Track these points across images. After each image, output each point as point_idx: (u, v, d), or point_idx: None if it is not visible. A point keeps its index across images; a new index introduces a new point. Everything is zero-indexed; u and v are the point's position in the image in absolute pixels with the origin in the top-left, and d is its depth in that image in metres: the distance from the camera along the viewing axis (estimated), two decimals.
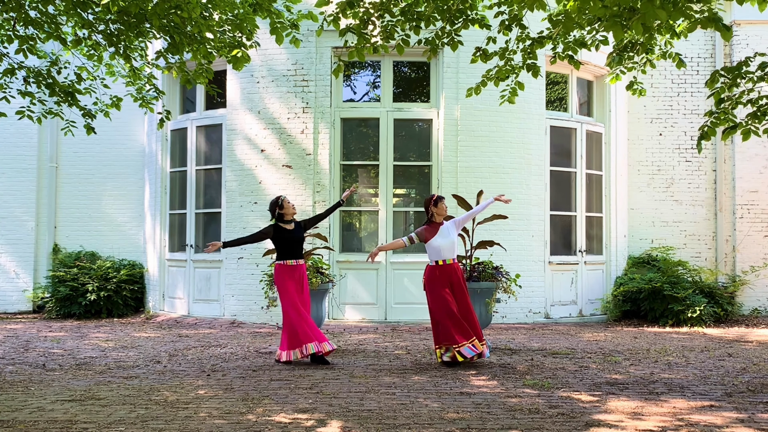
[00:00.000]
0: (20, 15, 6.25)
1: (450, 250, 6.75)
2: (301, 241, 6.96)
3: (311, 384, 5.80)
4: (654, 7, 3.79)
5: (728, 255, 11.63)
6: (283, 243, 6.86)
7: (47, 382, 5.98)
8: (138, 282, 11.74)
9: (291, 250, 6.87)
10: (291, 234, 6.89)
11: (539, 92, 10.45)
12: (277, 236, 6.86)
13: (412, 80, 10.83)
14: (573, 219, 11.00)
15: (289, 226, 6.92)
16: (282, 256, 6.86)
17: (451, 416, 4.68)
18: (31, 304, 12.09)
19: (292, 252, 6.87)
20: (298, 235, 6.93)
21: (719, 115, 6.07)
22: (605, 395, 5.36)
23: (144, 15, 6.02)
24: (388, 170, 10.20)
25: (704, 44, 11.79)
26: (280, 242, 6.87)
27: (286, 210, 6.90)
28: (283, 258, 6.86)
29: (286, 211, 6.91)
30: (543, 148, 10.60)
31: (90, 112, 7.62)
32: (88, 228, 12.37)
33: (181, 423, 4.51)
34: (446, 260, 6.74)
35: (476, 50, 6.82)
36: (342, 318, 10.13)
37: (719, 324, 10.40)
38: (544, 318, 10.45)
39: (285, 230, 6.89)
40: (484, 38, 7.04)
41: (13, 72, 7.14)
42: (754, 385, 5.77)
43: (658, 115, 11.86)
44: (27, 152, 12.19)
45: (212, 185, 10.96)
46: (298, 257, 6.90)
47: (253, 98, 10.34)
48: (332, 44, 10.02)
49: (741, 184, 11.56)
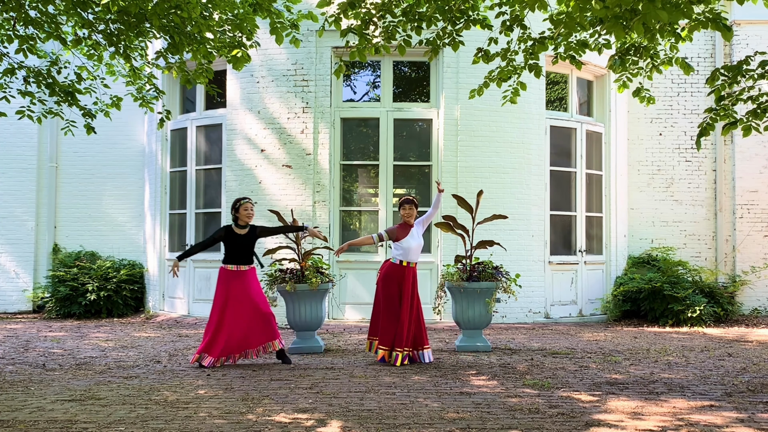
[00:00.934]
0: (20, 15, 6.24)
1: (416, 253, 6.93)
2: (250, 248, 6.86)
3: (311, 384, 5.80)
4: (655, 8, 3.79)
5: (728, 255, 11.64)
6: (230, 247, 6.81)
7: (47, 381, 5.98)
8: (138, 282, 11.74)
9: (237, 254, 6.80)
10: (241, 239, 6.82)
11: (539, 92, 10.45)
12: (227, 239, 6.82)
13: (412, 80, 10.83)
14: (573, 219, 11.00)
15: (241, 231, 6.84)
16: (226, 260, 6.83)
17: (451, 416, 4.68)
18: (31, 303, 12.09)
19: (237, 257, 6.80)
20: (248, 242, 6.84)
21: (719, 111, 6.07)
22: (605, 395, 5.36)
23: (144, 15, 6.02)
24: (388, 170, 10.20)
25: (704, 44, 11.79)
26: (228, 246, 6.83)
27: (240, 214, 6.83)
28: (226, 261, 6.83)
29: (241, 215, 6.83)
30: (543, 148, 10.60)
31: (90, 112, 7.62)
32: (88, 228, 12.37)
33: (181, 423, 4.51)
34: (410, 263, 6.88)
35: (478, 51, 6.81)
36: (342, 318, 10.13)
37: (719, 324, 10.41)
38: (544, 318, 10.45)
39: (236, 235, 6.82)
40: (484, 38, 7.03)
41: (13, 72, 7.14)
42: (754, 385, 5.77)
43: (658, 115, 11.86)
44: (27, 152, 12.19)
45: (212, 185, 10.96)
46: (241, 263, 6.81)
47: (253, 98, 10.34)
48: (332, 44, 10.01)
49: (741, 184, 11.56)
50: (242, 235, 6.83)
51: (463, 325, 7.80)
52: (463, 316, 7.74)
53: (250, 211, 6.87)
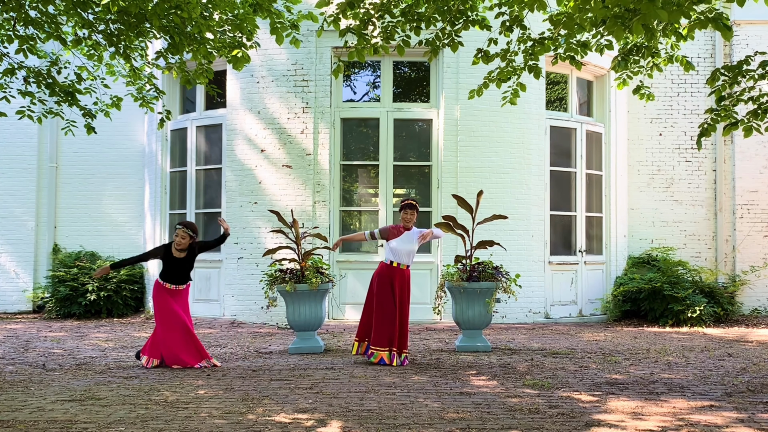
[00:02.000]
0: (20, 15, 6.25)
1: (406, 256, 6.92)
2: (187, 270, 6.94)
3: (311, 384, 5.80)
4: (655, 8, 3.79)
5: (728, 255, 11.64)
6: (168, 266, 6.87)
7: (47, 382, 5.98)
8: (138, 282, 11.74)
9: (173, 274, 6.86)
10: (177, 262, 6.87)
11: (539, 92, 10.45)
12: (165, 258, 6.89)
13: (412, 80, 10.83)
14: (573, 219, 11.00)
15: (179, 255, 6.87)
16: (163, 276, 6.88)
17: (451, 416, 4.68)
18: (31, 304, 12.09)
19: (174, 277, 6.86)
20: (185, 266, 6.89)
21: (720, 112, 6.07)
22: (605, 395, 5.36)
23: (144, 15, 6.02)
24: (388, 170, 10.21)
25: (704, 44, 11.80)
26: (165, 264, 6.89)
27: (176, 243, 6.84)
28: (163, 278, 6.87)
29: (176, 243, 6.84)
30: (543, 148, 10.60)
31: (90, 112, 7.62)
32: (88, 228, 12.37)
33: (181, 423, 4.51)
34: (400, 264, 6.90)
35: (478, 51, 6.81)
36: (342, 318, 10.13)
37: (719, 324, 10.41)
38: (544, 318, 10.45)
39: (173, 257, 6.87)
40: (484, 39, 7.03)
41: (13, 72, 7.14)
42: (754, 385, 5.77)
43: (658, 115, 11.87)
44: (27, 152, 12.19)
45: (212, 185, 10.96)
46: (179, 282, 6.88)
47: (253, 98, 10.34)
48: (332, 44, 10.02)
49: (741, 184, 11.56)
50: (179, 259, 6.88)
51: (463, 325, 7.80)
52: (463, 316, 7.74)
53: (181, 239, 6.82)
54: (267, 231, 9.96)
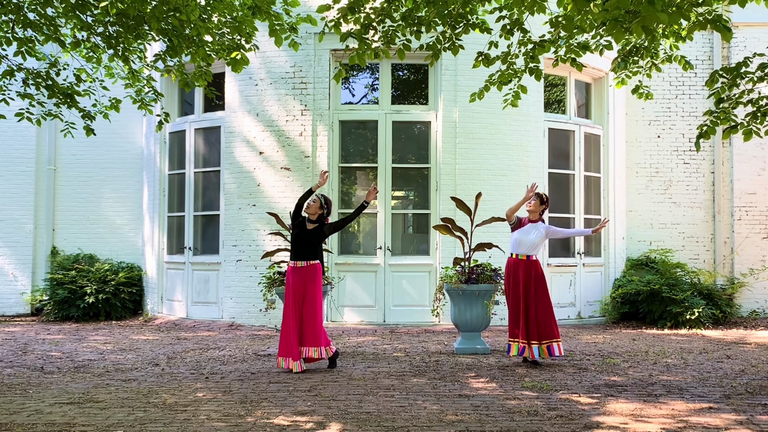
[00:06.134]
0: (19, 17, 6.25)
1: (526, 247, 7.07)
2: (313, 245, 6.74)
3: (310, 386, 5.79)
4: (655, 10, 3.80)
5: (726, 257, 11.65)
6: (297, 237, 6.70)
7: (45, 384, 5.96)
8: (136, 284, 11.72)
9: (300, 249, 6.69)
10: (307, 234, 6.69)
11: (538, 94, 10.46)
12: (299, 227, 6.71)
13: (411, 83, 10.84)
14: (571, 221, 11.00)
15: (310, 225, 6.71)
16: (293, 256, 6.74)
17: (449, 418, 4.68)
18: (30, 306, 12.07)
19: (301, 252, 6.69)
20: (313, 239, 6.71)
21: (719, 114, 6.08)
22: (604, 397, 5.36)
23: (143, 17, 6.02)
24: (387, 172, 10.20)
25: (702, 46, 11.81)
26: (295, 235, 6.73)
27: (306, 207, 6.66)
28: (293, 257, 6.75)
29: (306, 207, 6.67)
30: (541, 151, 10.61)
31: (89, 114, 7.62)
32: (86, 230, 12.35)
33: (179, 426, 4.51)
34: (519, 255, 7.07)
35: (478, 55, 6.81)
36: (340, 320, 10.12)
37: (718, 326, 10.41)
38: None
39: (306, 229, 6.70)
40: (484, 42, 7.05)
41: (12, 74, 7.13)
42: (752, 387, 5.77)
43: (656, 117, 11.88)
44: (25, 155, 12.18)
45: (211, 187, 10.95)
46: (306, 258, 6.70)
47: (251, 100, 10.34)
48: (331, 47, 10.02)
49: (739, 186, 11.58)
50: (309, 231, 6.71)
51: (461, 327, 7.80)
52: (461, 318, 7.74)
53: (312, 202, 6.66)
54: (266, 233, 9.95)
